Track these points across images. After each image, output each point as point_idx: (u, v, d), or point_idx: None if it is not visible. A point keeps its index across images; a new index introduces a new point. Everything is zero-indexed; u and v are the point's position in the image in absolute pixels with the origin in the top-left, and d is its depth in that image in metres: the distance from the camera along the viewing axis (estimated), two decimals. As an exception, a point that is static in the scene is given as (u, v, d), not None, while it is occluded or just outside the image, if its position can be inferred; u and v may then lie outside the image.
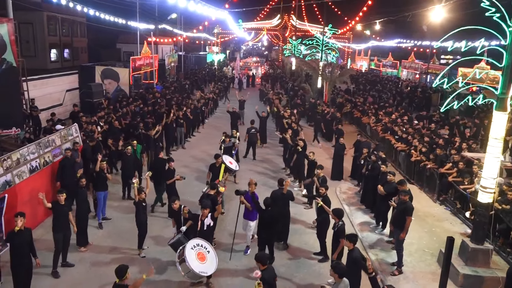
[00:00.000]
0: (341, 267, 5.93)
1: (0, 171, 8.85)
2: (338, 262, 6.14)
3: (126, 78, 21.67)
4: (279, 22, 60.36)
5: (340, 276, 5.84)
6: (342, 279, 5.84)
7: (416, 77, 39.86)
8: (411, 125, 17.39)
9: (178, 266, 7.12)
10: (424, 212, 11.41)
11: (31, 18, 37.64)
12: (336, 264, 6.03)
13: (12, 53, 12.89)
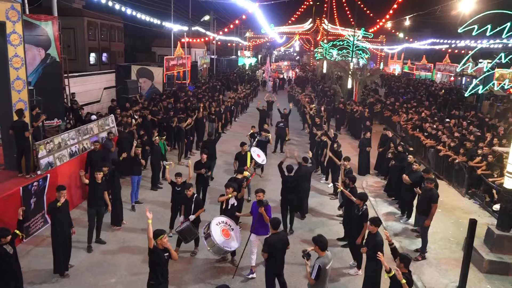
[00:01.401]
0: (322, 240, 5.86)
1: (44, 153, 9.56)
2: (320, 235, 6.01)
3: (160, 77, 22.50)
4: (311, 26, 60.55)
5: (322, 249, 5.84)
6: (325, 252, 5.86)
7: (451, 80, 38.92)
8: (442, 122, 17.14)
9: (204, 240, 7.46)
10: (452, 205, 11.30)
11: (72, 24, 39.52)
12: (318, 237, 5.92)
13: (56, 49, 13.80)
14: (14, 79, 9.22)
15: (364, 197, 7.90)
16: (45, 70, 13.69)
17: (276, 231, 6.65)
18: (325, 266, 5.76)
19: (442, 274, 7.91)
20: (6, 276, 6.11)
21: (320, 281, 5.77)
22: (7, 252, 6.05)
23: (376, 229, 6.66)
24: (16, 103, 9.32)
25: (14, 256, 6.27)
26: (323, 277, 5.79)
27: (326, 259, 5.82)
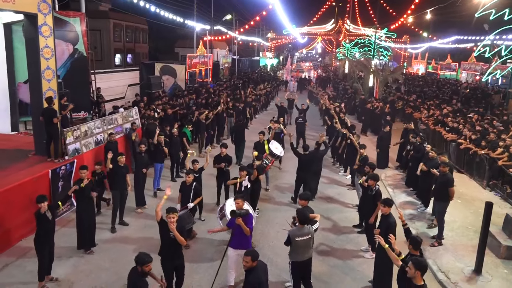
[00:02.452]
0: (303, 213, 6.15)
1: (71, 139, 10.04)
2: (304, 210, 6.34)
3: (183, 74, 23.00)
4: (333, 27, 60.36)
5: (301, 222, 6.12)
6: (303, 226, 6.13)
7: (476, 79, 38.12)
8: (464, 117, 16.93)
9: (219, 221, 7.67)
10: (471, 196, 11.22)
11: (99, 26, 40.63)
12: (301, 210, 6.26)
13: (83, 44, 14.39)
14: (45, 68, 9.74)
15: (376, 177, 8.05)
16: (73, 64, 14.31)
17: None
18: (295, 237, 6.06)
19: (458, 259, 7.91)
20: (43, 239, 6.63)
21: (292, 248, 6.17)
22: (47, 217, 6.59)
23: (388, 210, 6.73)
24: (46, 91, 9.84)
25: (52, 223, 6.81)
26: (295, 246, 6.13)
27: (299, 231, 6.12)
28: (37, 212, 6.57)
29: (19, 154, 10.29)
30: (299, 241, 6.11)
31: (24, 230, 8.09)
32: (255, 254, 5.09)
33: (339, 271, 7.64)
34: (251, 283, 4.93)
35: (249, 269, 5.02)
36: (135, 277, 5.08)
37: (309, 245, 6.26)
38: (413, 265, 4.75)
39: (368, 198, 8.06)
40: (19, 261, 7.48)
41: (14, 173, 8.74)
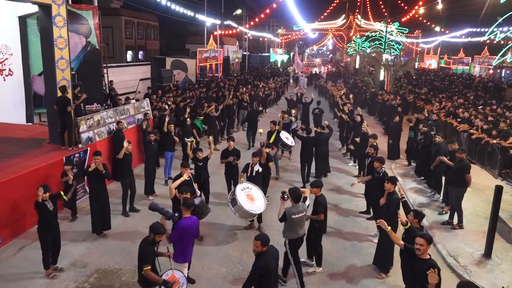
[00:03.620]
0: (296, 192, 6.36)
1: (84, 128, 10.25)
2: (296, 188, 6.54)
3: (193, 69, 23.19)
4: (344, 22, 60.00)
5: (295, 200, 6.33)
6: (297, 204, 6.36)
7: (490, 73, 37.60)
8: (475, 108, 16.78)
9: (230, 206, 7.76)
10: (483, 185, 11.14)
11: (110, 23, 41.18)
12: (294, 189, 6.47)
13: (96, 37, 14.61)
14: (59, 58, 9.94)
15: (382, 160, 8.15)
16: (85, 57, 14.53)
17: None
18: (291, 214, 6.26)
19: (468, 244, 7.91)
20: (46, 229, 6.67)
21: (287, 225, 6.40)
22: (47, 207, 6.58)
23: (392, 187, 6.98)
24: (60, 81, 10.03)
25: (54, 213, 6.76)
26: (290, 224, 6.33)
27: (294, 209, 6.32)
28: (36, 202, 6.52)
29: (34, 142, 10.53)
30: (294, 218, 6.31)
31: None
32: (264, 238, 5.02)
33: (348, 254, 7.73)
34: (259, 267, 4.89)
35: (259, 253, 5.00)
36: (144, 244, 5.24)
37: (303, 222, 6.49)
38: (425, 241, 4.79)
39: (376, 181, 8.11)
40: (34, 243, 7.64)
41: (29, 160, 8.96)
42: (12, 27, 13.03)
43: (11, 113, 13.06)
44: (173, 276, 5.28)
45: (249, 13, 42.59)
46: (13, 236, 7.84)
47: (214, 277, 6.86)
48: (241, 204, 7.47)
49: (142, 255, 5.15)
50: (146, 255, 5.12)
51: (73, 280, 6.62)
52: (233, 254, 7.60)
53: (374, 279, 6.88)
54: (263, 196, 8.07)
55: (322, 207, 6.83)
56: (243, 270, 6.96)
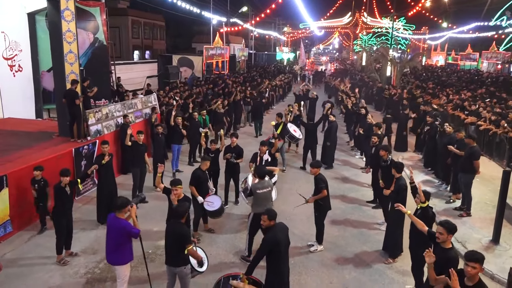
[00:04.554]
0: (261, 169, 6.82)
1: (93, 120, 10.38)
2: (262, 167, 6.97)
3: (200, 66, 23.32)
4: (350, 20, 59.85)
5: (259, 177, 6.71)
6: (262, 180, 6.73)
7: (498, 68, 37.30)
8: (483, 101, 16.69)
9: (242, 195, 7.81)
10: (491, 175, 11.07)
11: (117, 23, 41.48)
12: (259, 167, 6.92)
13: (103, 34, 14.74)
14: (67, 52, 10.08)
15: (387, 148, 8.18)
16: (93, 53, 14.63)
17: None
18: (256, 189, 6.67)
19: (475, 231, 7.91)
20: (61, 213, 6.83)
21: (254, 200, 6.79)
22: (66, 191, 6.79)
23: (398, 174, 6.99)
24: (69, 74, 10.17)
25: (71, 197, 7.03)
26: (256, 198, 6.72)
27: (259, 184, 6.71)
28: (57, 185, 6.74)
29: (43, 135, 10.69)
30: (260, 193, 6.67)
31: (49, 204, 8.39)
32: (270, 213, 5.11)
33: (356, 240, 7.76)
34: (267, 241, 4.98)
35: (266, 227, 5.14)
36: (181, 226, 5.36)
37: (269, 197, 6.82)
38: (445, 229, 4.63)
39: (383, 170, 8.13)
40: (46, 232, 7.79)
41: (39, 151, 9.10)
42: (21, 23, 13.23)
43: (20, 109, 13.25)
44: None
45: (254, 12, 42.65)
46: (25, 226, 7.96)
47: (223, 262, 6.93)
48: None
49: (178, 236, 5.26)
50: (184, 235, 5.27)
51: (84, 266, 6.73)
52: (241, 241, 7.65)
53: (382, 264, 6.91)
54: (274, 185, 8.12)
55: (323, 182, 6.91)
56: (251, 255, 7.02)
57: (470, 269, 3.86)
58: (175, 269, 5.37)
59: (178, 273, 5.41)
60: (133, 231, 5.37)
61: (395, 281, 6.42)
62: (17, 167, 7.89)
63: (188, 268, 5.37)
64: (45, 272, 6.55)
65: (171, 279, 5.59)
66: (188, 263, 5.34)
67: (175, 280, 5.57)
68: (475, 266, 3.85)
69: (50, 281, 6.32)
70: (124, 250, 5.45)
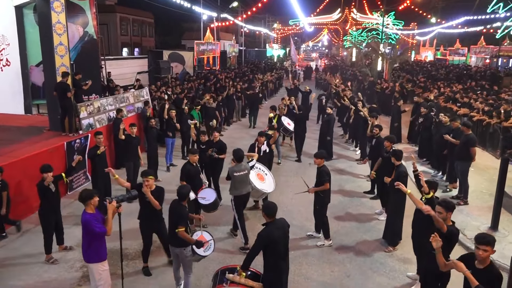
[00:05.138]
0: (238, 153, 7.02)
1: (85, 114, 10.17)
2: (239, 150, 7.08)
3: (191, 61, 23.11)
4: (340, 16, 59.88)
5: (236, 160, 6.97)
6: (239, 163, 6.99)
7: (486, 62, 37.70)
8: (474, 92, 16.81)
9: None
10: (485, 165, 11.15)
11: (106, 20, 40.94)
12: (236, 150, 7.06)
13: (93, 28, 14.47)
14: (57, 44, 9.86)
15: (393, 139, 8.12)
16: (83, 47, 14.35)
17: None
18: (233, 172, 6.90)
19: (473, 219, 7.92)
20: (48, 212, 6.56)
21: (232, 183, 7.01)
22: (49, 189, 6.47)
23: (398, 162, 6.99)
24: (59, 67, 9.96)
25: (56, 195, 6.66)
26: (233, 181, 6.95)
27: (236, 167, 6.96)
28: (39, 184, 6.39)
29: (34, 130, 10.46)
30: (237, 176, 6.90)
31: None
32: (268, 211, 4.81)
33: (356, 231, 7.71)
34: (261, 237, 4.68)
35: (265, 224, 4.87)
36: (177, 206, 5.35)
37: (246, 180, 7.06)
38: (443, 208, 4.70)
39: (385, 161, 8.08)
40: (37, 227, 7.57)
41: (30, 145, 8.89)
42: (9, 17, 12.93)
43: (9, 104, 12.95)
44: (202, 237, 5.52)
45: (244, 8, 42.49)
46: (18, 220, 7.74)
47: (222, 253, 6.83)
48: (253, 184, 7.42)
49: (176, 216, 5.22)
50: (181, 216, 5.22)
51: (79, 259, 6.55)
52: (239, 233, 7.55)
53: (383, 252, 6.87)
54: (272, 176, 8.04)
55: (327, 175, 6.82)
56: (250, 246, 6.92)
57: (482, 252, 3.79)
58: (175, 249, 5.38)
59: (178, 254, 5.40)
60: (95, 229, 4.82)
61: (396, 269, 6.38)
62: (7, 161, 7.67)
63: (188, 251, 5.32)
64: (40, 266, 6.38)
65: (175, 258, 5.58)
66: (187, 245, 5.30)
67: (179, 261, 5.54)
68: (486, 249, 3.79)
69: (44, 275, 6.17)
70: (96, 246, 4.99)
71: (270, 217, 4.81)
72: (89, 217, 4.94)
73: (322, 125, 12.69)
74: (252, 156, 7.63)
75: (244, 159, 7.18)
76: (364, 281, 6.05)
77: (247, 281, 4.48)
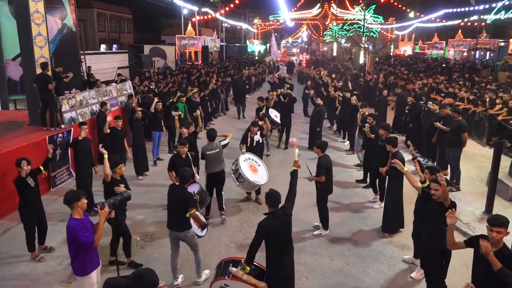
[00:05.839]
0: (211, 132, 7.41)
1: (67, 107, 9.78)
2: (212, 130, 7.49)
3: (173, 56, 22.68)
4: (320, 11, 60.05)
5: (209, 139, 7.40)
6: (211, 142, 7.38)
7: (464, 55, 38.38)
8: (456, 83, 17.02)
9: (233, 177, 7.49)
10: (472, 153, 11.26)
11: (83, 16, 39.90)
12: (209, 130, 7.48)
13: (72, 20, 13.97)
14: (36, 34, 9.42)
15: (387, 127, 8.01)
16: (62, 40, 13.86)
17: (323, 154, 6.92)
18: (206, 151, 7.33)
19: (467, 204, 7.93)
20: (28, 207, 6.18)
21: (206, 162, 7.38)
22: (28, 183, 6.08)
23: (394, 149, 6.87)
24: (38, 58, 9.52)
25: (36, 190, 6.27)
26: (207, 160, 7.35)
27: (208, 146, 7.37)
28: (16, 179, 6.00)
29: (13, 125, 10.02)
30: (209, 154, 7.28)
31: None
32: (269, 199, 4.58)
33: (351, 220, 7.61)
34: (259, 227, 4.46)
35: (267, 213, 4.61)
36: (183, 191, 5.33)
37: (218, 158, 7.38)
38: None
39: (380, 149, 8.01)
40: (21, 225, 7.21)
41: (10, 140, 8.47)
42: (-18, 8, 12.32)
43: (-16, 100, 12.39)
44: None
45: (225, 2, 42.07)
46: (2, 216, 7.40)
47: (217, 245, 6.62)
48: (245, 176, 7.23)
49: (182, 201, 5.19)
50: (188, 199, 5.20)
51: (67, 256, 6.17)
52: (233, 224, 7.39)
53: (380, 240, 6.79)
54: (265, 167, 7.86)
55: (323, 168, 6.65)
56: (245, 238, 6.77)
57: (495, 234, 3.66)
58: (179, 233, 5.33)
59: (182, 238, 5.38)
60: (80, 239, 4.13)
61: (396, 256, 6.30)
62: (-14, 155, 7.27)
63: (192, 232, 5.38)
64: (25, 265, 6.07)
65: (175, 244, 5.50)
66: (190, 227, 5.35)
67: (178, 247, 5.52)
68: (500, 231, 3.67)
69: (31, 274, 5.85)
70: (80, 257, 4.33)
71: (273, 207, 4.56)
72: (75, 223, 4.24)
73: (313, 116, 12.50)
74: (225, 136, 7.86)
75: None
76: (364, 268, 5.95)
77: (249, 278, 4.28)
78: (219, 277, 4.39)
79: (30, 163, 6.16)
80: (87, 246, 4.25)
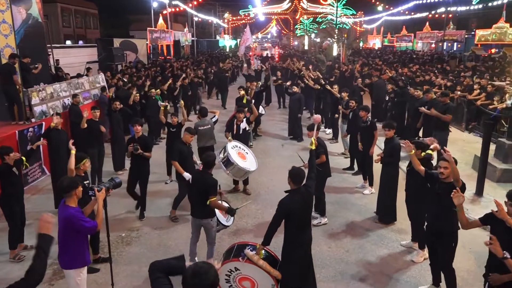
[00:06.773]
0: (203, 110, 8.22)
1: (37, 100, 9.15)
2: (203, 107, 8.12)
3: (144, 49, 21.99)
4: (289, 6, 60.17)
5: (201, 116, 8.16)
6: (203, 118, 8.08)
7: (432, 47, 39.31)
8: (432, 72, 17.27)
9: (222, 165, 7.14)
10: (453, 138, 11.30)
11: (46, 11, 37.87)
12: (201, 108, 8.16)
13: (38, 10, 13.15)
14: (0, 22, 8.76)
15: (367, 108, 7.96)
16: (27, 32, 12.93)
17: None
18: (198, 126, 7.92)
19: (456, 187, 7.90)
20: (13, 200, 5.75)
21: (198, 137, 7.87)
22: (13, 172, 5.67)
23: (391, 133, 6.64)
24: (3, 48, 8.89)
25: (20, 180, 5.94)
26: (199, 135, 7.90)
27: (201, 122, 8.06)
28: (2, 166, 5.54)
29: (-23, 121, 9.26)
30: (201, 129, 7.89)
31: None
32: (293, 176, 4.35)
33: (342, 208, 7.45)
34: (279, 205, 4.24)
35: (288, 190, 4.41)
36: (206, 177, 5.14)
37: (209, 134, 8.05)
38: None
39: (363, 131, 7.89)
40: None
41: (-25, 136, 7.80)
42: None
43: None
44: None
45: None
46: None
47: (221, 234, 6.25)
48: (236, 162, 6.88)
49: (205, 186, 5.01)
50: (211, 185, 5.01)
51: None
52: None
53: (377, 225, 6.66)
54: (253, 155, 7.57)
55: (322, 147, 6.42)
56: (237, 229, 6.49)
57: None
58: (201, 221, 5.19)
59: (204, 225, 5.22)
60: (83, 224, 3.96)
61: (394, 240, 6.19)
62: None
63: (215, 221, 5.24)
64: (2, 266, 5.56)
65: (196, 231, 5.38)
66: (214, 215, 5.19)
67: (199, 233, 5.38)
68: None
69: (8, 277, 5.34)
70: (76, 249, 4.11)
71: (296, 184, 4.34)
72: (74, 211, 3.98)
73: (292, 103, 12.24)
74: (214, 113, 8.39)
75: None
76: (364, 254, 5.78)
77: (265, 264, 4.08)
78: (231, 258, 4.17)
79: (13, 149, 5.75)
80: (92, 231, 4.13)
